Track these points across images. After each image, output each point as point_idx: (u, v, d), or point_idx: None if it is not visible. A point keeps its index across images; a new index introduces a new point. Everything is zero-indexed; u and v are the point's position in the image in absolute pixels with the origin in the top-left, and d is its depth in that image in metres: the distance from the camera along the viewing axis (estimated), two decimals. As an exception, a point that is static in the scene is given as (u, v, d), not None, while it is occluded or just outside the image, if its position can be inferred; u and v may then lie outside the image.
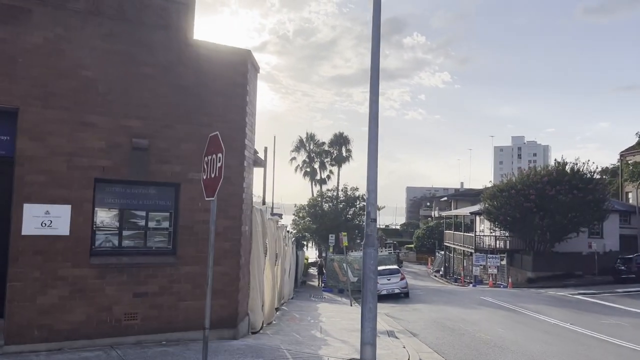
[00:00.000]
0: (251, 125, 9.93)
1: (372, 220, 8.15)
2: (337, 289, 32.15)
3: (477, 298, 24.53)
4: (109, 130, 8.17)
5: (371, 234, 8.13)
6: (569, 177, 35.17)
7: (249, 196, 9.99)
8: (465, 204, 60.80)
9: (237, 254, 9.18)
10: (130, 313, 8.18)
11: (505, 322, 15.74)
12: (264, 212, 11.80)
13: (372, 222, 8.14)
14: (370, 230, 8.14)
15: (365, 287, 8.04)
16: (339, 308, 19.84)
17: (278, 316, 14.80)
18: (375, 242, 8.17)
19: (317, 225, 46.36)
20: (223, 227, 9.05)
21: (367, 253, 8.06)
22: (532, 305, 20.67)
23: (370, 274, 8.03)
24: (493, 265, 35.98)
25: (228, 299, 9.04)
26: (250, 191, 10.10)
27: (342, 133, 62.80)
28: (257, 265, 10.88)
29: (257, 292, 10.93)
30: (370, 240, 8.10)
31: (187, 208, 8.75)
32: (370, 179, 8.24)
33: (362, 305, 8.07)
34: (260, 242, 11.43)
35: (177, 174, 8.68)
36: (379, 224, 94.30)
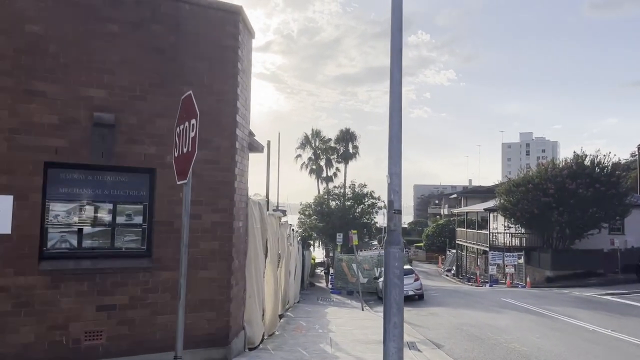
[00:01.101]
0: (245, 101, 8.23)
1: (396, 212, 6.42)
2: (346, 290, 30.43)
3: (497, 300, 22.73)
4: (64, 102, 6.50)
5: (395, 229, 6.41)
6: (589, 170, 33.26)
7: (244, 186, 8.30)
8: (476, 200, 58.93)
9: (228, 255, 7.49)
10: (92, 331, 6.50)
11: (538, 329, 13.96)
12: (263, 206, 10.12)
13: (396, 214, 6.42)
14: (394, 225, 6.42)
15: (388, 296, 6.32)
16: (349, 313, 18.11)
17: (282, 325, 13.11)
18: (400, 239, 6.45)
19: (323, 223, 44.61)
20: (210, 223, 7.37)
21: (390, 253, 6.34)
22: (559, 308, 18.87)
23: (395, 279, 6.30)
24: (510, 264, 34.13)
25: (217, 311, 7.35)
26: (245, 180, 8.41)
27: (348, 129, 61.14)
28: (255, 268, 9.19)
29: (256, 300, 9.24)
30: (394, 237, 6.38)
31: (165, 199, 7.07)
32: (392, 159, 6.52)
33: (384, 320, 6.34)
34: (259, 241, 9.74)
35: (152, 157, 7.00)
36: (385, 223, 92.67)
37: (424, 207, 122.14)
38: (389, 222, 6.46)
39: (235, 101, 7.60)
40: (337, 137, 61.03)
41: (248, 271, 8.74)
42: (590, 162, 34.22)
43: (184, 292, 4.75)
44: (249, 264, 8.81)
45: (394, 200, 6.43)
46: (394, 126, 6.58)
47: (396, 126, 6.59)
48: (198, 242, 7.24)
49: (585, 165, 33.92)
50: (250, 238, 8.89)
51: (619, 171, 33.09)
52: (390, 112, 6.61)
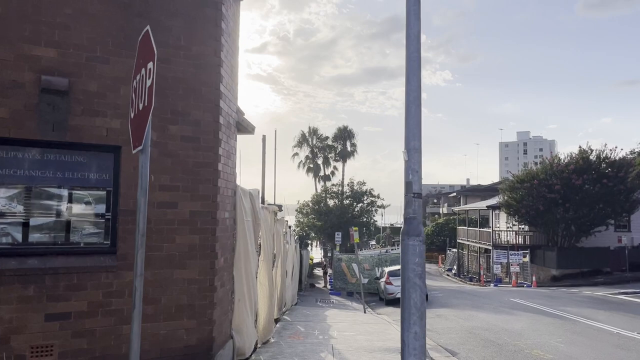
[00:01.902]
0: (231, 69, 7.00)
1: (415, 196, 5.19)
2: (346, 291, 29.20)
3: (506, 300, 21.53)
4: (2, 63, 5.25)
5: (414, 216, 5.18)
6: (595, 165, 32.12)
7: (230, 170, 7.06)
8: (475, 199, 57.91)
9: (211, 251, 6.24)
10: (41, 346, 5.24)
11: (559, 333, 12.75)
12: (255, 197, 8.87)
13: (415, 199, 5.19)
14: (413, 211, 5.19)
15: (406, 300, 5.09)
16: (351, 316, 16.87)
17: (278, 330, 11.86)
18: (421, 229, 5.22)
19: (322, 222, 43.37)
20: (189, 213, 6.12)
21: (408, 246, 5.11)
22: (574, 309, 17.69)
23: (415, 279, 5.08)
24: (515, 263, 32.95)
25: (198, 319, 6.11)
26: (232, 164, 7.17)
27: (346, 127, 59.97)
28: (245, 267, 7.95)
29: (247, 305, 8.00)
30: (413, 227, 5.15)
31: (133, 184, 5.82)
32: (410, 131, 5.30)
33: (402, 329, 5.11)
34: (251, 237, 8.50)
35: (116, 133, 5.75)
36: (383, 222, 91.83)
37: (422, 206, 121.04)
38: (406, 209, 5.23)
39: (218, 67, 6.36)
40: (334, 135, 59.86)
41: (237, 271, 7.50)
42: (596, 156, 33.08)
43: (139, 299, 3.51)
44: (238, 262, 7.56)
45: (413, 181, 5.20)
46: (412, 91, 5.36)
47: (414, 91, 5.37)
48: (173, 236, 6.01)
49: (591, 160, 32.80)
50: (240, 232, 7.65)
51: (627, 166, 31.90)
52: (408, 74, 5.39)
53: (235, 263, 7.44)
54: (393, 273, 23.67)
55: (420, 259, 5.11)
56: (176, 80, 6.08)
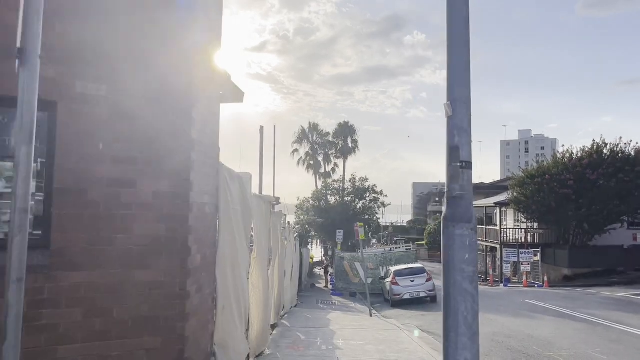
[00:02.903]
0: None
1: (463, 166, 3.66)
2: (348, 292, 27.65)
3: (521, 302, 20.00)
4: None
5: (463, 194, 3.65)
6: (610, 159, 30.55)
7: (210, 141, 5.53)
8: (479, 197, 56.31)
9: (181, 245, 4.71)
10: None
11: (593, 341, 11.24)
12: (246, 182, 7.34)
13: (464, 169, 3.66)
14: (461, 187, 3.66)
15: (452, 314, 3.56)
16: (356, 320, 15.34)
17: (275, 339, 10.34)
18: (472, 213, 3.71)
19: (322, 219, 41.85)
20: (152, 194, 4.60)
21: (455, 237, 3.59)
22: (600, 312, 16.16)
23: (465, 284, 3.55)
24: (526, 262, 31.42)
25: (164, 335, 4.58)
26: (212, 135, 5.64)
27: (347, 122, 58.30)
28: (233, 266, 6.42)
29: (234, 312, 6.47)
30: (462, 209, 3.63)
31: (73, 153, 4.30)
32: (455, 75, 3.80)
33: (446, 353, 3.58)
34: (241, 230, 6.98)
35: (50, 84, 4.21)
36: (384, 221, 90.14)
37: (424, 205, 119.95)
38: (451, 184, 3.70)
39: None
40: (335, 131, 58.20)
41: (221, 271, 5.97)
42: (610, 151, 31.53)
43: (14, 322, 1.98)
44: (223, 260, 6.03)
45: (461, 144, 3.67)
46: (456, 22, 3.85)
47: (460, 22, 3.86)
48: (130, 225, 4.48)
49: (604, 154, 31.26)
50: (225, 223, 6.12)
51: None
52: (449, 0, 3.88)
53: (218, 261, 5.91)
54: (399, 273, 22.17)
55: (472, 255, 3.59)
56: (131, 6, 4.55)
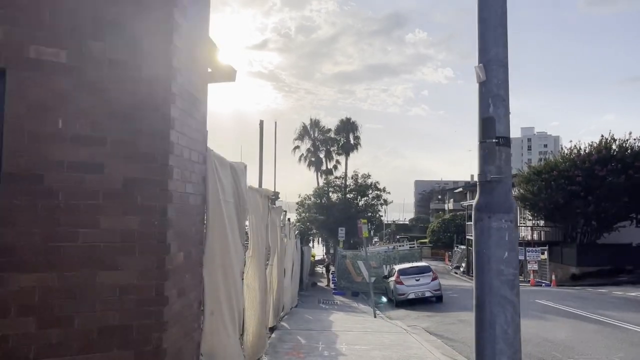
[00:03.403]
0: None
1: (500, 143, 2.93)
2: (351, 291, 26.95)
3: (531, 302, 19.26)
4: None
5: (500, 177, 2.94)
6: (620, 155, 29.77)
7: (195, 123, 4.80)
8: (483, 194, 55.76)
9: (159, 242, 4.00)
10: None
11: (614, 345, 10.53)
12: (241, 173, 6.62)
13: (501, 147, 2.94)
14: (498, 169, 2.95)
15: (487, 327, 2.86)
16: (360, 322, 14.62)
17: (273, 343, 9.64)
18: (513, 203, 3.00)
19: (324, 217, 41.11)
20: (122, 181, 3.88)
21: (491, 231, 2.88)
22: (614, 313, 15.45)
23: (504, 290, 2.85)
24: (533, 260, 30.67)
25: (137, 348, 3.86)
26: (198, 115, 4.91)
27: (349, 119, 57.57)
28: (224, 266, 5.71)
29: (225, 318, 5.76)
30: (499, 197, 2.92)
31: (27, 131, 3.59)
32: (488, 31, 3.08)
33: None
34: (234, 225, 6.27)
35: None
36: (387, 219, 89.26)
37: (426, 203, 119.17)
38: (485, 164, 2.97)
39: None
40: (337, 127, 57.46)
41: (209, 271, 5.25)
42: (618, 146, 30.75)
43: None
44: (211, 259, 5.32)
45: (497, 115, 2.96)
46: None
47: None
48: (96, 217, 3.76)
49: (613, 149, 30.49)
50: (214, 217, 5.40)
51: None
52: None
53: (206, 261, 5.20)
54: (404, 271, 21.46)
55: (512, 254, 2.88)
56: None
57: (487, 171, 2.91)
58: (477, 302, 2.89)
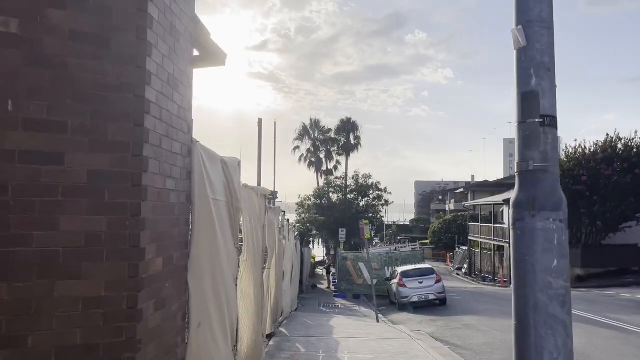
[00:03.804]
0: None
1: (546, 123, 2.34)
2: (352, 293, 26.36)
3: (538, 305, 18.69)
4: None
5: (546, 166, 2.35)
6: (626, 154, 29.18)
7: (177, 110, 4.21)
8: (484, 194, 55.28)
9: (131, 246, 3.41)
10: None
11: (629, 351, 9.97)
12: (233, 169, 6.03)
13: (546, 127, 2.35)
14: (542, 156, 2.37)
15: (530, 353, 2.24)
16: (362, 327, 14.02)
17: (271, 351, 9.05)
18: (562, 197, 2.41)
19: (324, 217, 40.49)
20: (87, 175, 3.30)
21: (535, 233, 2.29)
22: (624, 316, 14.89)
23: (554, 307, 2.25)
24: (538, 262, 30.04)
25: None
26: (180, 99, 4.33)
27: (349, 118, 56.98)
28: (213, 272, 5.13)
29: (215, 329, 5.17)
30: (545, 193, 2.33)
31: (-31, 115, 3.00)
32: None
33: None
34: (226, 226, 5.69)
35: None
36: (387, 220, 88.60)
37: (427, 203, 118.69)
38: (525, 151, 2.38)
39: None
40: (337, 127, 56.87)
41: (195, 278, 4.66)
42: (624, 145, 30.16)
43: None
44: (199, 264, 4.73)
45: (541, 89, 2.36)
46: None
47: None
48: (55, 217, 3.18)
49: (619, 148, 29.90)
50: (202, 217, 4.81)
51: None
52: None
53: (191, 266, 4.60)
54: (406, 274, 20.86)
55: (563, 262, 2.29)
56: None
57: (528, 158, 2.34)
58: (518, 322, 2.32)
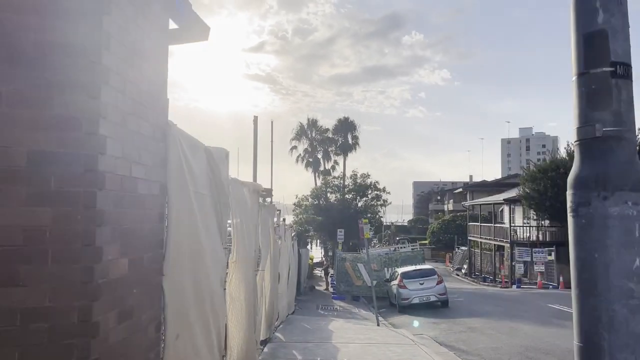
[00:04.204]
0: None
1: (618, 74, 1.74)
2: (351, 295, 25.73)
3: (543, 306, 18.12)
4: None
5: (621, 132, 1.73)
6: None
7: (151, 87, 3.58)
8: (482, 194, 54.78)
9: (84, 245, 2.79)
10: None
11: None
12: (218, 159, 5.40)
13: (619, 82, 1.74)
14: (614, 117, 1.74)
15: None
16: (362, 331, 13.39)
17: (265, 359, 8.42)
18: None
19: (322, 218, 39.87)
20: (26, 156, 2.68)
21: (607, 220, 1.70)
22: None
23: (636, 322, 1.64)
24: (540, 262, 29.50)
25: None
26: (156, 76, 3.70)
27: (347, 118, 56.32)
28: (195, 275, 4.51)
29: (199, 341, 4.55)
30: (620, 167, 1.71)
31: None
32: None
33: None
34: (211, 222, 5.07)
35: None
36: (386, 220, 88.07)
37: (424, 204, 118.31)
38: (588, 111, 1.81)
39: None
40: (335, 127, 56.20)
41: (172, 283, 4.03)
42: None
43: None
44: (176, 265, 4.10)
45: (610, 27, 1.77)
46: None
47: None
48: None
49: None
50: (179, 212, 4.18)
51: None
52: None
53: (168, 268, 3.98)
54: (407, 275, 20.25)
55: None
56: None
57: (595, 121, 1.73)
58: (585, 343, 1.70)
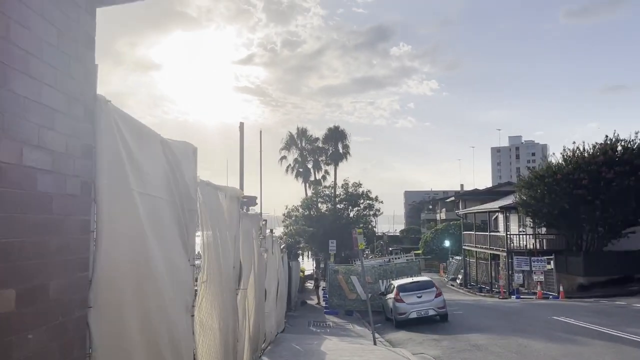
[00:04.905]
0: None
1: None
2: (344, 310, 24.55)
3: (549, 319, 17.07)
4: None
5: None
6: (628, 157, 27.90)
7: (59, 36, 2.52)
8: (475, 203, 54.02)
9: None
10: None
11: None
12: (180, 154, 4.34)
13: None
14: None
15: None
16: (358, 351, 12.22)
17: (248, 392, 7.27)
18: None
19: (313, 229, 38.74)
20: None
21: None
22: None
23: None
24: (539, 271, 28.54)
25: None
26: (79, 16, 2.63)
27: (337, 127, 55.57)
28: (141, 305, 3.42)
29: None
30: None
31: None
32: None
33: None
34: (172, 235, 4.01)
35: None
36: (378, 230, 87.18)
37: (417, 213, 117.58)
38: None
39: None
40: (325, 136, 55.37)
41: (103, 318, 2.94)
42: (623, 147, 28.91)
43: None
44: (109, 293, 3.00)
45: None
46: None
47: None
48: None
49: (619, 150, 28.66)
50: (114, 218, 3.10)
51: None
52: None
53: (97, 299, 2.88)
54: (404, 287, 19.14)
55: None
56: None
57: None
58: None
